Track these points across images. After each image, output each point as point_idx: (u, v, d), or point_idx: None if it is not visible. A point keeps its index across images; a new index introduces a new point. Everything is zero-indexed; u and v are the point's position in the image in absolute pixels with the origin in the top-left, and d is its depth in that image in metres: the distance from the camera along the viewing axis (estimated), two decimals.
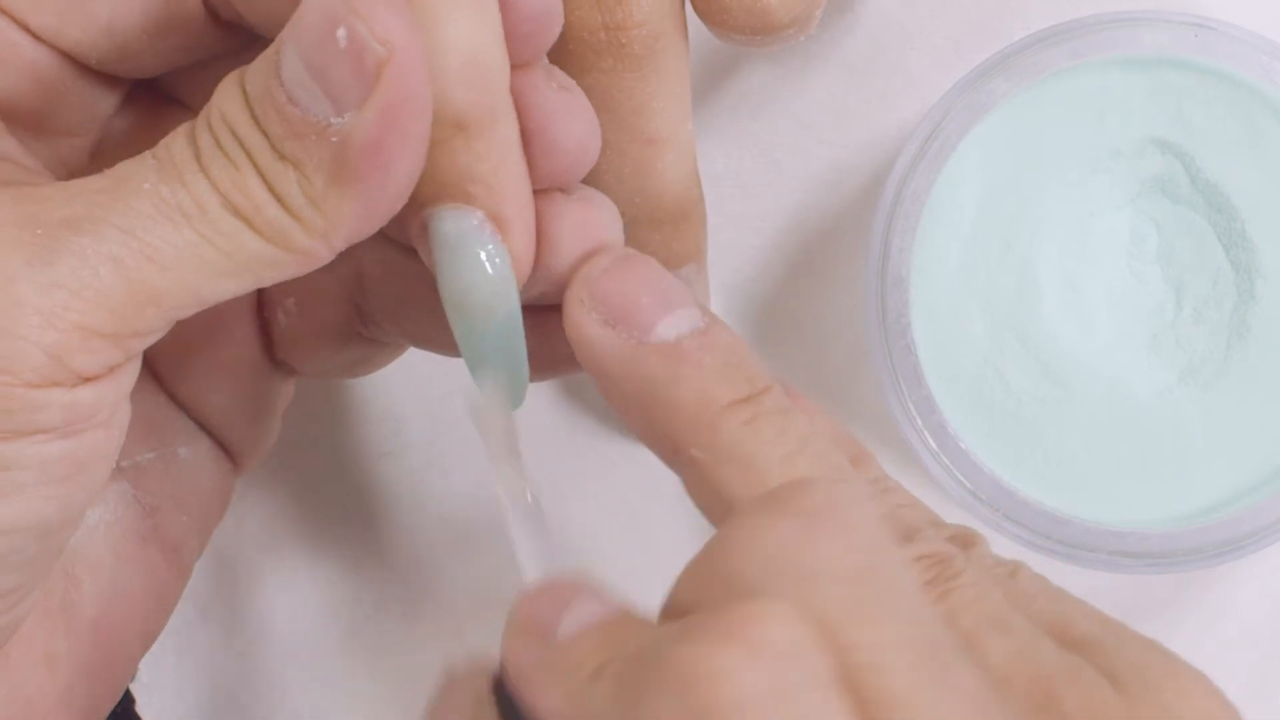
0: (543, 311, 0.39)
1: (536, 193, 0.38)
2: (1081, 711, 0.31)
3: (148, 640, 0.41)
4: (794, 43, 0.43)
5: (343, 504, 0.51)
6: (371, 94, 0.33)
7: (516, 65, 0.37)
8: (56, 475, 0.35)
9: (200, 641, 0.50)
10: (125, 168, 0.35)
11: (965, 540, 0.35)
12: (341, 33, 0.33)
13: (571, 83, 0.38)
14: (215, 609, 0.50)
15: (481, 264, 0.36)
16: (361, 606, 0.51)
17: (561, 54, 0.40)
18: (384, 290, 0.41)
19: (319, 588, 0.51)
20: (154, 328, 0.35)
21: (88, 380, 0.34)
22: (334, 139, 0.34)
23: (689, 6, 0.42)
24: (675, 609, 0.32)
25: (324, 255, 0.35)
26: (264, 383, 0.42)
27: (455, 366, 0.51)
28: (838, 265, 0.50)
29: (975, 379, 0.45)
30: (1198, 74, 0.45)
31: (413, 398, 0.51)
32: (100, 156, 0.40)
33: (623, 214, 0.43)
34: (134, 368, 0.35)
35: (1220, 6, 0.46)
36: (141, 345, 0.35)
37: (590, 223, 0.38)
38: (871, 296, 0.45)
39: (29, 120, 0.38)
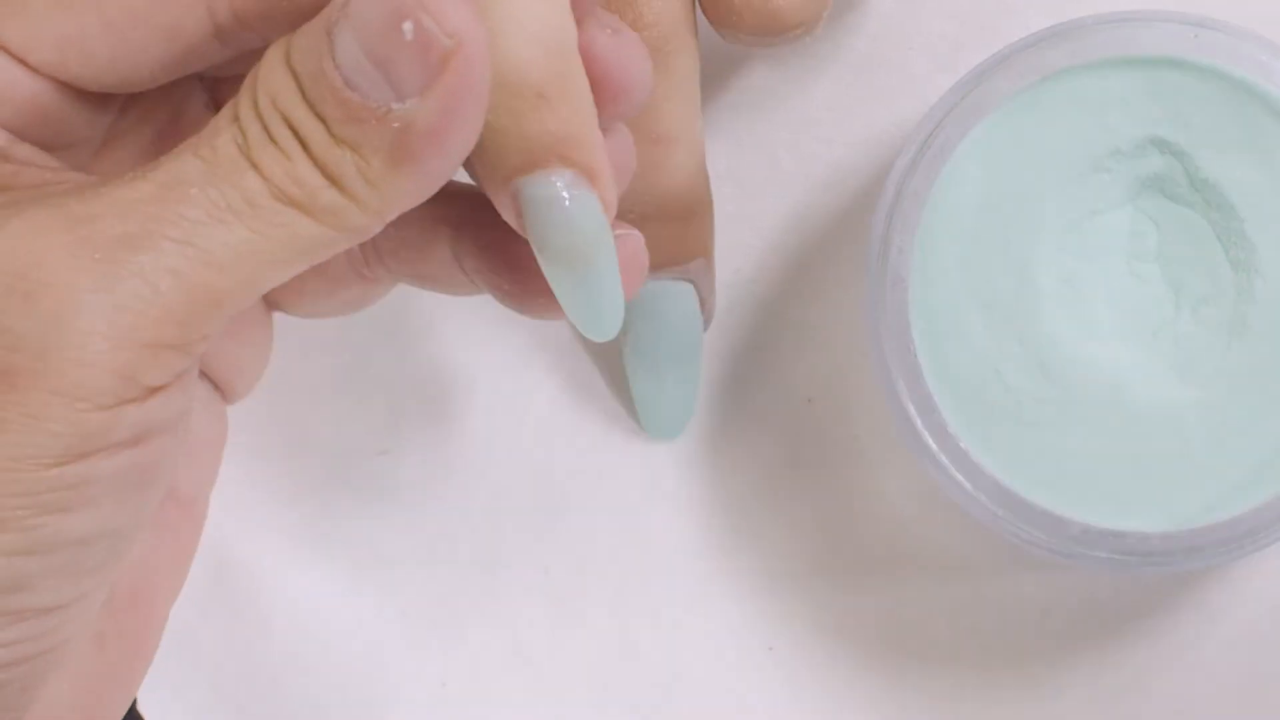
0: None
1: None
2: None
3: (171, 600, 0.41)
4: (798, 43, 0.43)
5: (342, 504, 0.51)
6: (436, 82, 0.33)
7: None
8: (128, 484, 0.35)
9: (200, 641, 0.50)
10: (170, 170, 0.34)
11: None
12: (408, 26, 0.33)
13: (620, 23, 0.38)
14: (215, 609, 0.50)
15: (591, 215, 0.36)
16: (362, 606, 0.51)
17: None
18: (398, 231, 0.41)
19: (319, 588, 0.51)
20: (218, 327, 0.35)
21: (156, 391, 0.34)
22: (395, 124, 0.34)
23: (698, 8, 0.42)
24: None
25: (377, 229, 0.35)
26: (256, 317, 0.43)
27: (455, 365, 0.51)
28: (838, 265, 0.50)
29: (975, 379, 0.45)
30: (1197, 74, 0.45)
31: (412, 396, 0.51)
32: (106, 153, 0.40)
33: (633, 210, 0.44)
34: (196, 369, 0.36)
35: (1220, 6, 0.46)
36: (205, 346, 0.35)
37: (621, 150, 0.38)
38: (871, 296, 0.45)
39: (34, 143, 0.38)
